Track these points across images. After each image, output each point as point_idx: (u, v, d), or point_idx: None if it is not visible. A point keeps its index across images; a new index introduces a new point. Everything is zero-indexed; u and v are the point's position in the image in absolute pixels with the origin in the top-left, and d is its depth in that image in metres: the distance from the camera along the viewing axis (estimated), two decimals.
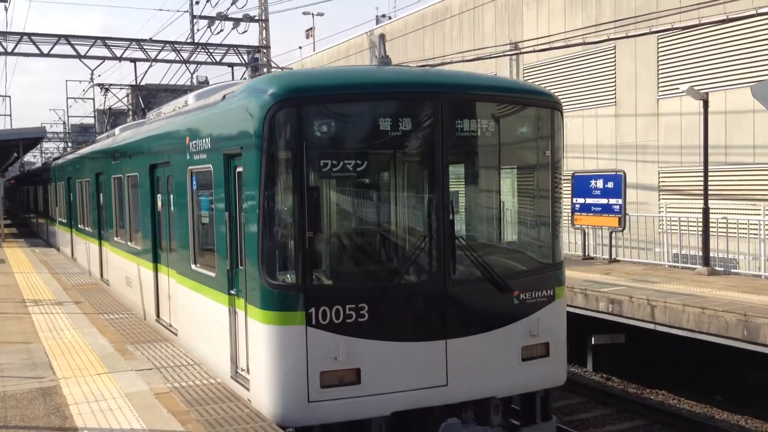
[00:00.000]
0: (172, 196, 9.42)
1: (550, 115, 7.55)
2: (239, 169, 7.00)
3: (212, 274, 7.76)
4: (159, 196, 10.16)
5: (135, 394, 7.06)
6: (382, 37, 8.43)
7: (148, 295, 10.68)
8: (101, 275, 14.99)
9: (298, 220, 6.40)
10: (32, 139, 29.96)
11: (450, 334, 6.78)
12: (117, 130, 15.54)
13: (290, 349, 6.37)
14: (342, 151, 6.69)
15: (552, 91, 9.23)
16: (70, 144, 60.07)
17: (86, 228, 16.80)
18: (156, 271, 10.29)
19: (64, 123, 66.96)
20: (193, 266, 8.48)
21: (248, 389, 6.92)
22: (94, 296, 13.20)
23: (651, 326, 11.29)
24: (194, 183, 8.46)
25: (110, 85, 37.81)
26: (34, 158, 71.15)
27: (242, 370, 7.16)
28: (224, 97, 7.68)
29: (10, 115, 68.45)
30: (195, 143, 8.24)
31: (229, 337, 7.34)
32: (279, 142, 6.44)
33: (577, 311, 12.69)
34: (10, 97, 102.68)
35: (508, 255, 7.84)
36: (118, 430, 6.08)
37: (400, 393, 6.63)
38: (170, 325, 9.68)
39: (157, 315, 10.30)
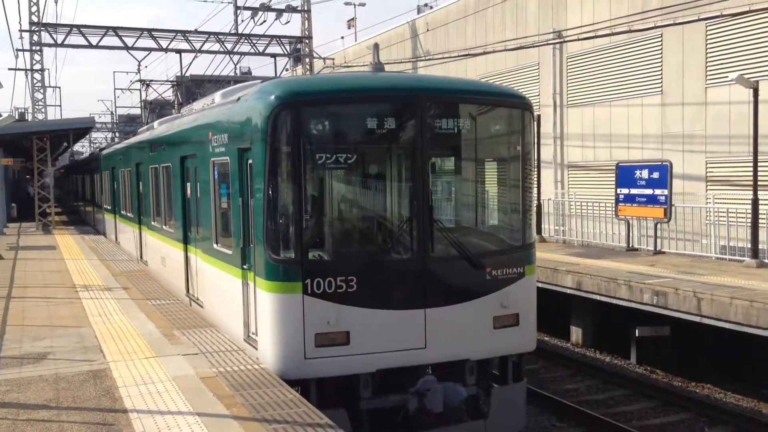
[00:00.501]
0: (198, 184, 10.51)
1: (520, 114, 8.53)
2: (250, 162, 8.03)
3: (229, 252, 8.84)
4: (188, 184, 11.24)
5: (182, 378, 7.23)
6: (375, 46, 9.16)
7: (179, 272, 11.78)
8: (140, 257, 16.29)
9: (296, 205, 7.54)
10: (82, 129, 30.60)
11: (428, 304, 7.77)
12: (156, 123, 16.62)
13: (290, 314, 7.45)
14: (335, 146, 7.82)
15: (594, 80, 9.39)
16: (117, 134, 61.21)
17: (128, 214, 18.06)
18: (186, 251, 11.36)
19: (111, 113, 68.27)
20: (214, 246, 9.53)
21: (257, 349, 7.98)
22: (142, 282, 13.49)
23: (697, 319, 11.13)
24: (215, 173, 9.53)
25: (151, 81, 39.22)
26: (82, 148, 72.68)
27: (253, 333, 8.18)
28: (239, 98, 8.74)
29: (60, 106, 69.96)
30: (216, 138, 9.34)
31: (242, 306, 8.43)
32: (281, 138, 7.52)
33: (621, 303, 12.57)
34: (60, 88, 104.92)
35: (481, 237, 8.82)
36: (166, 412, 6.24)
37: (384, 353, 7.64)
38: (198, 299, 10.66)
39: (187, 290, 11.36)
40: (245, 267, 8.31)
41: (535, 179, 8.62)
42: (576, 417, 10.30)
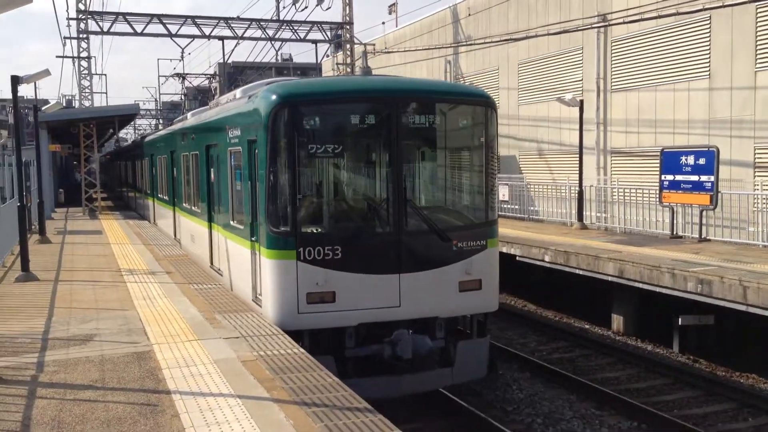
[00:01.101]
0: (219, 170, 12.12)
1: (483, 110, 9.99)
2: (256, 151, 9.52)
3: (242, 227, 10.42)
4: (212, 170, 12.73)
5: (223, 361, 7.34)
6: (364, 53, 11.90)
7: (205, 246, 13.46)
8: (174, 235, 18.00)
9: (291, 188, 9.08)
10: (126, 115, 31.15)
11: (402, 270, 9.25)
12: (189, 114, 18.16)
13: (286, 277, 9.01)
14: (324, 138, 9.31)
15: (639, 64, 9.33)
16: (161, 121, 62.11)
17: (164, 197, 19.93)
18: (210, 228, 12.99)
19: (155, 100, 69.23)
20: (231, 222, 11.17)
21: (261, 306, 9.59)
22: (185, 267, 13.71)
23: (743, 308, 10.91)
24: (232, 161, 11.12)
25: (187, 74, 40.56)
26: (127, 135, 73.93)
27: (259, 294, 9.74)
28: (250, 96, 10.23)
29: (106, 93, 71.18)
30: (231, 130, 10.97)
31: (251, 271, 10.03)
32: (279, 131, 9.06)
33: (664, 291, 12.39)
34: (106, 75, 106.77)
35: (448, 214, 10.25)
36: (208, 394, 6.35)
37: (364, 310, 9.16)
38: (218, 269, 12.34)
39: (211, 263, 12.99)
40: (253, 239, 9.85)
41: (497, 167, 10.37)
42: (616, 405, 10.21)
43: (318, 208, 9.71)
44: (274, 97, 9.18)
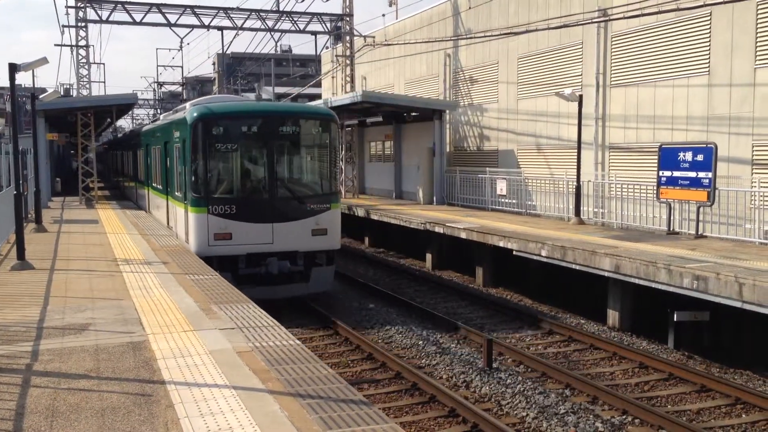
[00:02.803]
0: (169, 159, 17.98)
1: (328, 123, 15.85)
2: (186, 147, 15.22)
3: (180, 195, 16.13)
4: (168, 159, 18.21)
5: (218, 352, 7.34)
6: (258, 86, 13.00)
7: (163, 212, 19.35)
8: (148, 209, 23.24)
9: (204, 170, 14.92)
10: (124, 105, 31.01)
11: (275, 221, 15.04)
12: (162, 116, 24.72)
13: (201, 224, 14.69)
14: (225, 140, 15.03)
15: (638, 59, 9.09)
16: (159, 110, 61.92)
17: (140, 179, 25.56)
18: (167, 200, 18.55)
19: (154, 90, 69.01)
20: (176, 194, 16.84)
21: (189, 243, 15.30)
22: (181, 258, 13.70)
23: (738, 304, 10.93)
24: (176, 153, 16.68)
25: (164, 82, 42.06)
26: (126, 124, 73.69)
27: (188, 235, 15.35)
28: (185, 109, 16.18)
29: (104, 82, 70.98)
30: (175, 132, 16.73)
31: (184, 222, 15.67)
32: (198, 135, 14.83)
33: (660, 287, 12.40)
34: (104, 64, 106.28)
35: (305, 188, 16.07)
36: (203, 384, 6.35)
37: (251, 245, 14.88)
38: (171, 226, 18.13)
39: (167, 223, 18.79)
40: (186, 203, 15.42)
41: (340, 161, 17.94)
42: (609, 401, 10.22)
43: (221, 182, 15.40)
44: (195, 113, 15.01)
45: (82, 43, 32.85)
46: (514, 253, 16.54)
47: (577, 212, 18.98)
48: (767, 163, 15.63)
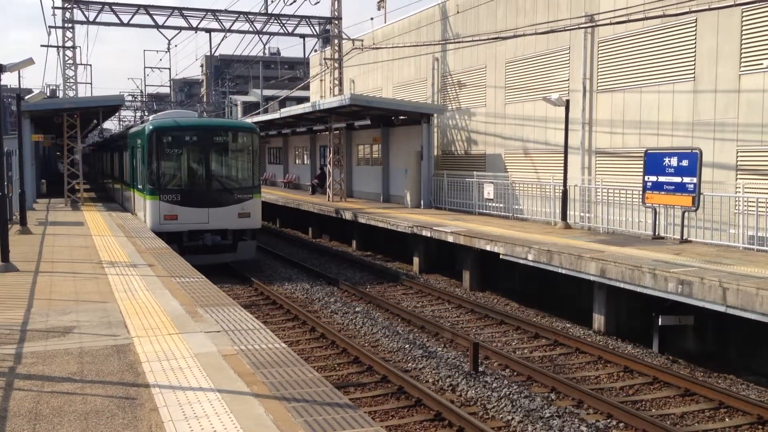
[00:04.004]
0: (134, 160, 22.93)
1: (251, 134, 21.48)
2: (144, 151, 20.47)
3: (141, 188, 21.12)
4: (134, 159, 22.93)
5: (204, 355, 7.32)
6: (201, 113, 16.54)
7: (131, 202, 24.44)
8: (133, 211, 24.89)
9: (157, 168, 20.34)
10: (111, 106, 30.86)
11: (210, 206, 20.33)
12: (134, 125, 30.71)
13: (155, 208, 19.96)
14: (173, 146, 20.57)
15: (625, 65, 9.09)
16: (146, 112, 61.66)
17: (126, 180, 27.65)
18: (133, 192, 23.51)
19: (141, 92, 68.73)
20: (138, 186, 21.80)
21: (146, 223, 20.31)
22: (167, 260, 13.64)
23: (722, 309, 11.01)
24: (138, 155, 21.77)
25: (132, 99, 43.38)
26: (112, 126, 73.32)
27: (145, 217, 20.42)
28: (145, 122, 22.80)
29: (91, 84, 70.60)
30: (137, 139, 22.07)
31: (143, 208, 20.81)
32: (153, 143, 20.25)
33: (645, 291, 12.47)
34: (91, 65, 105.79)
35: (233, 182, 21.19)
36: (188, 388, 6.33)
37: (192, 223, 20.12)
38: (134, 212, 23.43)
39: (133, 211, 23.78)
40: (144, 193, 20.37)
41: (261, 162, 24.56)
42: (595, 405, 10.27)
43: (170, 177, 20.56)
44: (151, 126, 20.51)
45: (69, 44, 32.69)
46: (501, 256, 16.58)
47: (564, 216, 19.07)
48: (751, 168, 15.77)
